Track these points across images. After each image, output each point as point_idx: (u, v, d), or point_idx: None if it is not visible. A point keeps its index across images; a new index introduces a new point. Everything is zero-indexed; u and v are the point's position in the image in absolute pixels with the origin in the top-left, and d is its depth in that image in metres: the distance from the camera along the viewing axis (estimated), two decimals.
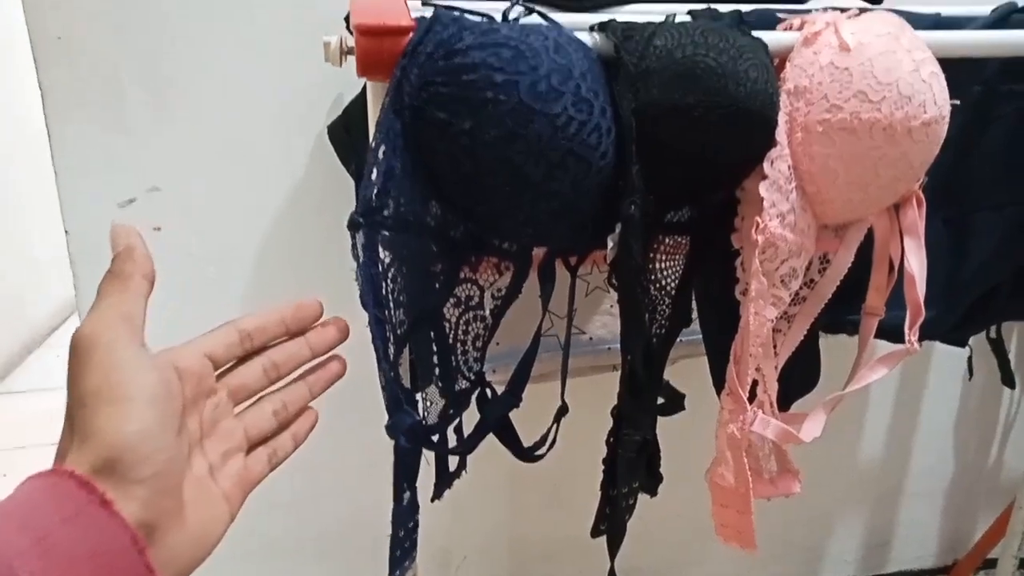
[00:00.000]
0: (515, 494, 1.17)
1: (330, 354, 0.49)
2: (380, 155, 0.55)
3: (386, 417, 0.58)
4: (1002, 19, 0.73)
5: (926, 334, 0.80)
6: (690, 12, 0.69)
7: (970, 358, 0.94)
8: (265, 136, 0.96)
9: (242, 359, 0.46)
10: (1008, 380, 0.99)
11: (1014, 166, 0.78)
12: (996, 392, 1.29)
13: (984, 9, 0.77)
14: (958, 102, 0.62)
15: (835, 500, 1.34)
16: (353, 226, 0.53)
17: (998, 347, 0.96)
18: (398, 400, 0.57)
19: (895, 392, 1.29)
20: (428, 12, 0.57)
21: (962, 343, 0.88)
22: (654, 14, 0.64)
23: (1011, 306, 0.86)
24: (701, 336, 0.75)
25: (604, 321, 0.92)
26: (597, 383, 0.83)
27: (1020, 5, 0.76)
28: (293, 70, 0.92)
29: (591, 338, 0.90)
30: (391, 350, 0.58)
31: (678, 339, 0.74)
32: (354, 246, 0.54)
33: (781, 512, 0.87)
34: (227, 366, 0.45)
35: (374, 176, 0.54)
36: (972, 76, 0.74)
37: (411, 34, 0.55)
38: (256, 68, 0.93)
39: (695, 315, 0.75)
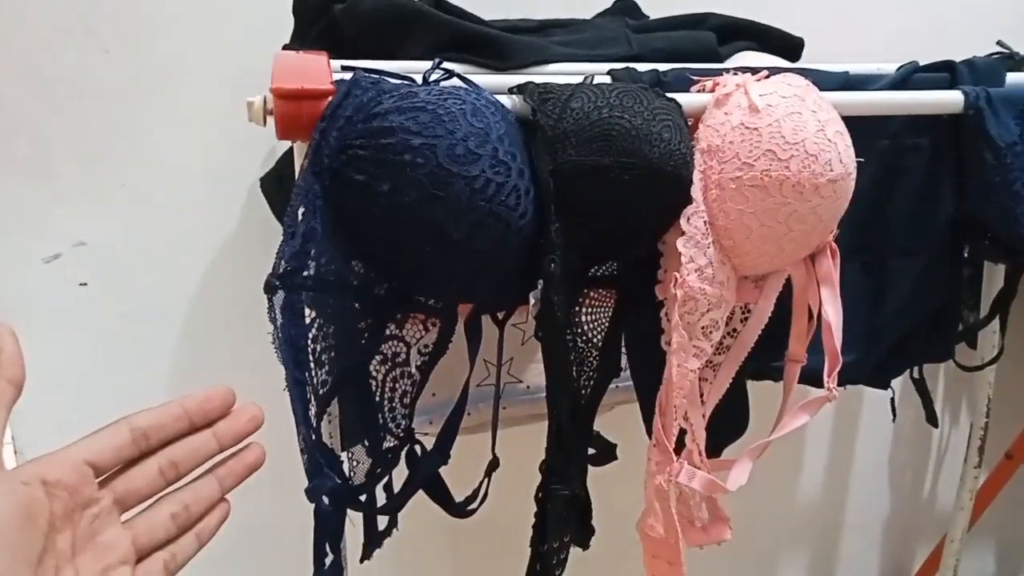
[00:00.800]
0: (458, 540, 1.15)
1: (245, 443, 0.44)
2: (299, 216, 0.55)
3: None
4: (905, 78, 0.76)
5: (848, 378, 0.83)
6: (610, 72, 0.72)
7: (892, 399, 0.96)
8: (196, 189, 0.95)
9: (136, 459, 0.41)
10: (932, 419, 1.02)
11: (922, 216, 0.81)
12: (926, 427, 1.32)
13: (891, 67, 0.81)
14: (863, 159, 0.65)
15: (776, 538, 1.35)
16: (269, 289, 0.53)
17: (921, 387, 0.99)
18: (318, 463, 0.56)
19: (831, 430, 1.32)
20: (348, 76, 0.58)
21: (884, 385, 0.91)
22: (576, 74, 0.66)
23: (927, 349, 0.89)
24: None
25: (541, 369, 0.92)
26: (540, 430, 0.83)
27: (921, 64, 0.80)
28: (224, 123, 0.92)
29: (528, 386, 0.90)
30: (312, 412, 0.57)
31: (615, 385, 0.75)
32: (271, 309, 0.54)
33: (724, 551, 0.88)
34: (116, 469, 0.40)
35: (292, 238, 0.54)
36: (879, 131, 0.78)
37: (330, 97, 0.56)
38: (186, 121, 0.92)
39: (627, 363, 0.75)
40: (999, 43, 0.89)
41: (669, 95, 0.63)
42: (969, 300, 0.97)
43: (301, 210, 0.55)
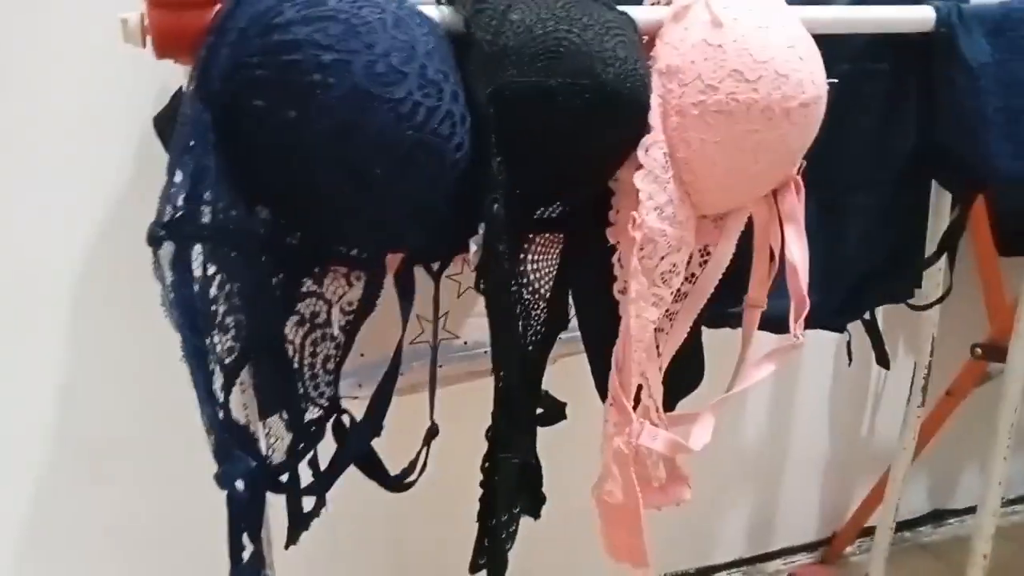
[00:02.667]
0: (399, 511, 1.09)
1: None
2: (187, 152, 0.45)
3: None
4: None
5: (807, 322, 0.78)
6: None
7: (849, 343, 0.93)
8: (79, 133, 0.84)
9: None
10: (883, 361, 0.99)
11: (882, 146, 0.77)
12: (866, 367, 1.32)
13: None
14: (836, 80, 0.59)
15: (718, 481, 1.35)
16: (154, 240, 0.44)
17: (872, 328, 0.96)
18: (228, 445, 0.48)
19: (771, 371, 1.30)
20: None
21: (842, 329, 0.88)
22: None
23: (886, 289, 0.86)
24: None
25: (479, 323, 0.85)
26: (482, 389, 0.78)
27: None
28: (104, 54, 0.80)
29: (465, 343, 0.83)
30: (216, 386, 0.49)
31: (560, 336, 0.69)
32: (157, 264, 0.44)
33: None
34: None
35: (179, 178, 0.45)
36: (839, 54, 0.72)
37: (218, 6, 0.46)
38: (63, 55, 0.81)
39: (573, 315, 0.69)
40: None
41: (621, 8, 0.56)
42: None
43: (190, 144, 0.45)
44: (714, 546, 1.39)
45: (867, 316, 0.96)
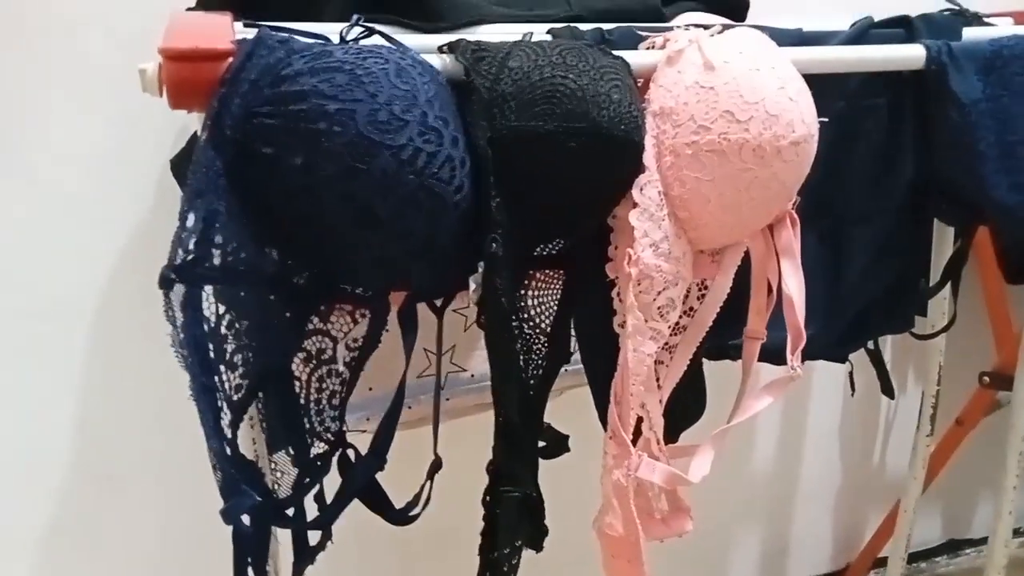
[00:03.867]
0: (404, 543, 1.10)
1: None
2: (199, 197, 0.47)
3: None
4: (860, 34, 0.72)
5: (808, 353, 0.79)
6: (550, 31, 0.65)
7: (851, 373, 0.94)
8: (100, 173, 0.87)
9: None
10: (887, 390, 0.99)
11: (881, 179, 0.78)
12: (875, 397, 1.32)
13: (843, 24, 0.77)
14: (826, 119, 0.60)
15: (730, 513, 1.34)
16: (165, 283, 0.46)
17: (877, 359, 0.97)
18: (234, 480, 0.49)
19: (781, 403, 1.30)
20: (252, 34, 0.50)
21: (843, 359, 0.88)
22: (511, 35, 0.59)
23: (886, 319, 0.86)
24: None
25: (486, 356, 0.86)
26: (488, 420, 0.79)
27: (876, 20, 0.76)
28: (128, 100, 0.82)
29: (472, 375, 0.84)
30: (224, 421, 0.50)
31: (564, 369, 0.69)
32: (168, 306, 0.46)
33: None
34: None
35: (191, 222, 0.47)
36: (835, 92, 0.74)
37: (231, 59, 0.48)
38: (86, 100, 0.84)
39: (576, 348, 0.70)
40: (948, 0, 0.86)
41: (616, 53, 0.57)
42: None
43: (201, 190, 0.47)
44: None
45: (871, 346, 0.96)
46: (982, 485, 1.48)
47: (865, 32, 0.73)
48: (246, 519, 0.52)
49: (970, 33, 0.76)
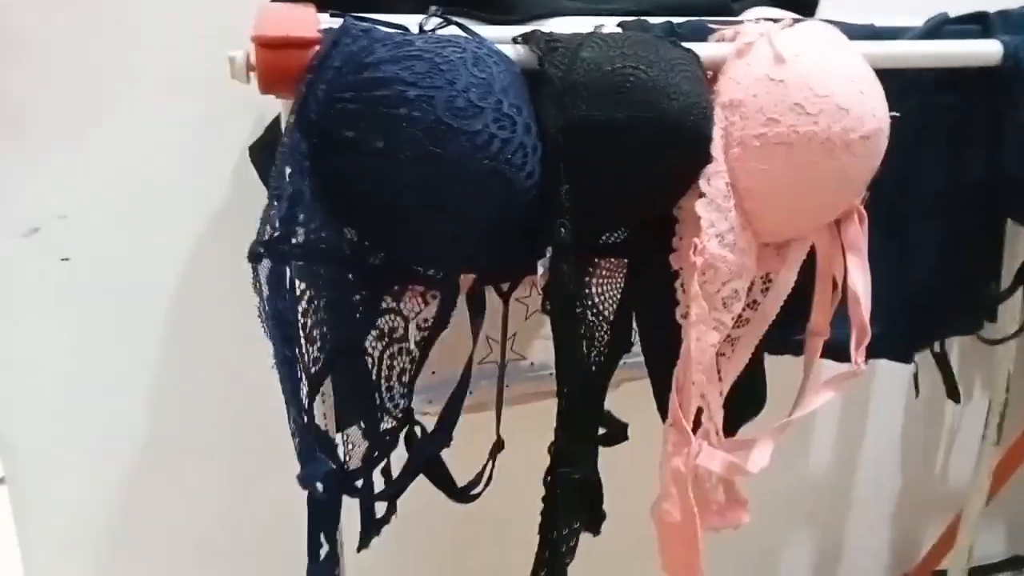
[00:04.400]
0: (462, 524, 1.12)
1: None
2: (286, 178, 0.50)
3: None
4: (935, 30, 0.72)
5: (872, 352, 0.78)
6: (620, 23, 0.66)
7: (916, 374, 0.92)
8: (181, 158, 0.90)
9: None
10: (953, 394, 0.98)
11: (951, 177, 0.77)
12: (939, 402, 1.29)
13: (917, 20, 0.76)
14: (898, 114, 0.60)
15: (785, 515, 1.33)
16: (254, 257, 0.48)
17: (942, 361, 0.95)
18: (311, 447, 0.52)
19: (840, 406, 1.28)
20: (337, 24, 0.53)
21: (908, 359, 0.87)
22: (582, 27, 0.61)
23: (953, 320, 0.85)
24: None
25: (546, 345, 0.88)
26: (546, 409, 0.80)
27: (952, 16, 0.75)
28: (207, 88, 0.86)
29: (532, 363, 0.86)
30: (303, 392, 0.53)
31: (623, 361, 0.71)
32: (256, 279, 0.49)
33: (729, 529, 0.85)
34: None
35: (278, 201, 0.50)
36: (908, 87, 0.73)
37: (317, 47, 0.51)
38: (167, 86, 0.87)
39: (637, 338, 0.71)
40: None
41: (686, 45, 0.58)
42: (991, 269, 0.92)
43: (287, 171, 0.50)
44: None
45: (937, 348, 0.95)
46: None
47: (940, 28, 0.72)
48: (320, 487, 0.55)
49: None
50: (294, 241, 0.50)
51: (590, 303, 0.66)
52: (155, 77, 0.87)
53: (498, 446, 0.69)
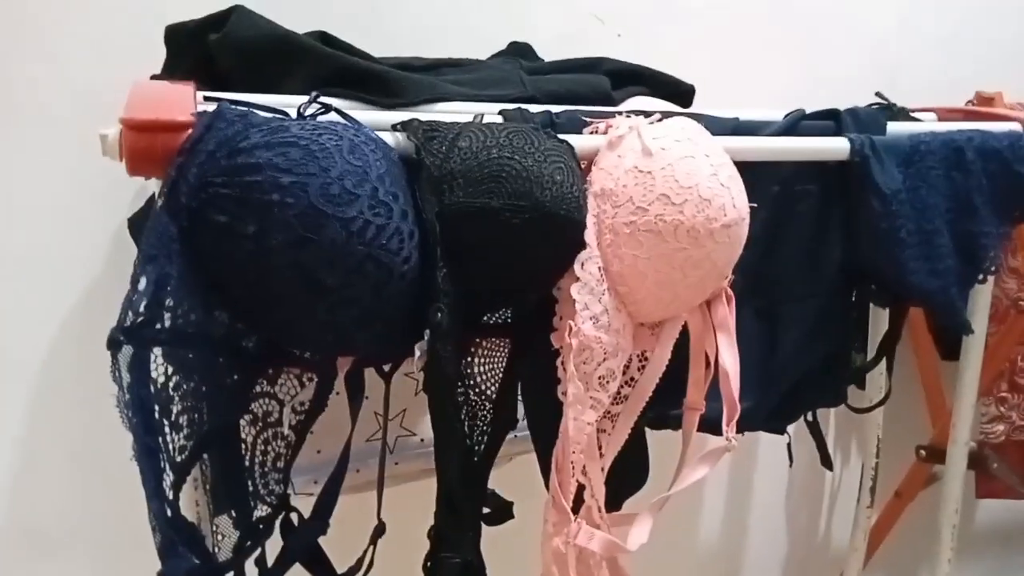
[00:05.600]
0: None
1: None
2: (151, 261, 0.49)
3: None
4: (792, 125, 0.77)
5: (745, 424, 0.81)
6: (501, 112, 0.69)
7: (789, 444, 0.96)
8: (56, 229, 0.87)
9: None
10: (826, 462, 1.02)
11: (812, 261, 0.82)
12: (820, 468, 1.35)
13: (778, 113, 0.82)
14: (755, 205, 0.64)
15: None
16: (113, 344, 0.46)
17: (815, 430, 1.00)
18: (173, 543, 0.49)
19: (727, 476, 1.32)
20: (213, 107, 0.53)
21: (781, 431, 0.91)
22: (466, 114, 0.63)
23: (821, 394, 0.89)
24: None
25: None
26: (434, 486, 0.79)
27: (808, 112, 0.81)
28: (85, 161, 0.84)
29: (423, 439, 0.85)
30: (167, 483, 0.50)
31: (514, 435, 0.71)
32: (115, 367, 0.47)
33: None
34: None
35: (143, 285, 0.48)
36: (770, 177, 0.78)
37: (190, 130, 0.51)
38: (43, 155, 0.84)
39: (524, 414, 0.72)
40: (877, 94, 0.92)
41: (561, 136, 0.61)
42: (857, 343, 0.98)
43: (154, 254, 0.49)
44: None
45: (810, 418, 0.99)
46: (924, 558, 1.51)
47: (796, 123, 0.78)
48: None
49: (894, 128, 0.82)
50: (159, 326, 0.49)
51: (472, 383, 0.66)
52: (34, 144, 0.84)
53: (379, 530, 0.67)
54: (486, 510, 0.71)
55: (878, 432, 1.14)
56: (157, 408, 0.50)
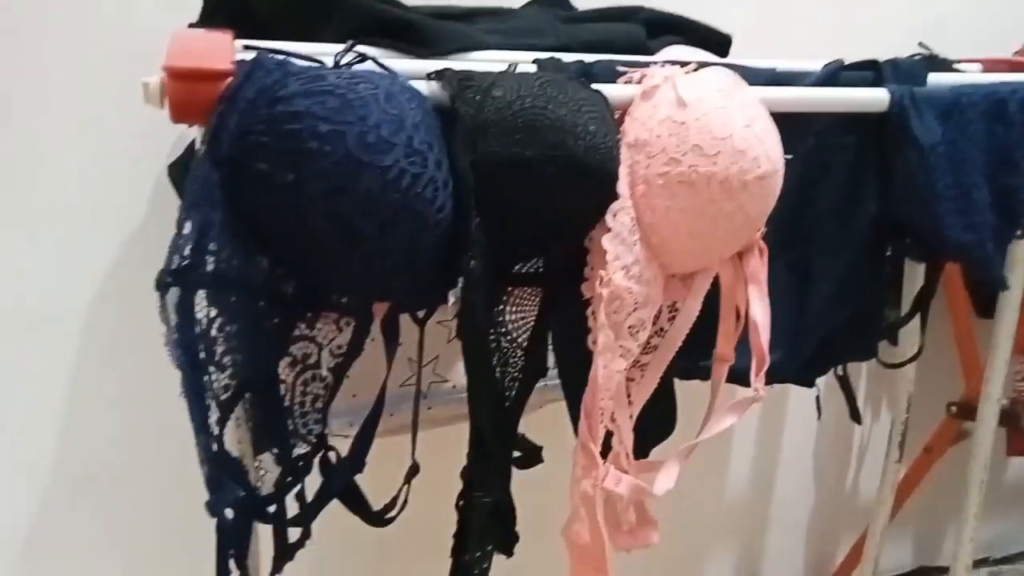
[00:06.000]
0: (382, 544, 1.12)
1: None
2: (195, 207, 0.50)
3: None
4: (830, 76, 0.76)
5: (774, 377, 0.82)
6: (535, 61, 0.69)
7: (818, 397, 0.97)
8: (97, 178, 0.89)
9: None
10: (855, 416, 1.03)
11: (846, 214, 0.81)
12: (848, 423, 1.35)
13: (817, 64, 0.81)
14: (791, 156, 0.64)
15: (703, 534, 1.36)
16: (161, 286, 0.48)
17: (845, 384, 1.00)
18: (219, 475, 0.52)
19: (756, 427, 1.33)
20: (251, 56, 0.53)
21: (810, 383, 0.91)
22: (500, 63, 0.63)
23: (851, 347, 0.89)
24: None
25: None
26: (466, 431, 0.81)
27: (847, 63, 0.80)
28: (124, 109, 0.86)
29: (455, 386, 0.87)
30: (212, 420, 0.53)
31: (544, 383, 0.72)
32: (163, 307, 0.49)
33: (651, 549, 0.87)
34: None
35: (187, 230, 0.50)
36: (806, 129, 0.77)
37: (230, 79, 0.52)
38: (84, 106, 0.86)
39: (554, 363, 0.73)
40: (920, 44, 0.90)
41: (595, 86, 0.61)
42: (891, 298, 0.97)
43: (198, 200, 0.51)
44: None
45: (840, 372, 1.00)
46: (951, 513, 1.51)
47: (835, 74, 0.76)
48: (229, 513, 0.55)
49: (935, 79, 0.80)
50: (203, 270, 0.51)
51: (503, 330, 0.67)
52: (72, 93, 0.86)
53: (413, 470, 0.70)
54: (516, 454, 0.73)
55: (909, 388, 1.14)
56: (202, 348, 0.52)
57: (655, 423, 0.75)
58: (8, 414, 0.91)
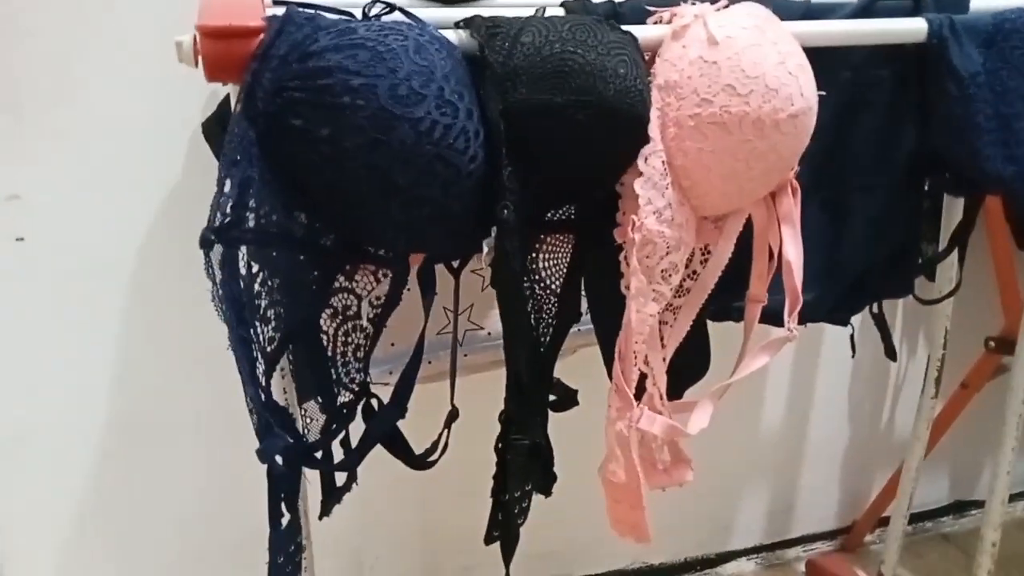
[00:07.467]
0: (426, 486, 1.15)
1: None
2: (234, 165, 0.52)
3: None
4: (868, 6, 0.74)
5: (808, 316, 0.82)
6: (563, 4, 0.68)
7: (852, 336, 0.97)
8: (134, 137, 0.90)
9: None
10: (890, 353, 1.02)
11: (883, 149, 0.80)
12: (884, 360, 1.35)
13: None
14: (824, 93, 0.63)
15: (738, 470, 1.38)
16: (205, 244, 0.50)
17: (880, 322, 1.00)
18: (268, 423, 0.54)
19: (791, 365, 1.33)
20: (281, 11, 0.54)
21: (844, 322, 0.91)
22: (527, 6, 0.62)
23: (887, 285, 0.89)
24: None
25: None
26: (503, 377, 0.83)
27: None
28: (159, 67, 0.86)
29: (489, 333, 0.89)
30: (260, 370, 0.55)
31: (577, 328, 0.73)
32: (208, 264, 0.51)
33: (685, 487, 0.89)
34: None
35: (228, 188, 0.51)
36: (841, 62, 0.76)
37: (262, 35, 0.52)
38: (120, 66, 0.87)
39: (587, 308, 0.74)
40: None
41: (624, 28, 0.60)
42: (928, 233, 0.96)
43: (236, 157, 0.52)
44: (733, 533, 1.42)
45: (875, 310, 0.99)
46: (988, 448, 1.51)
47: (872, 4, 0.74)
48: (279, 459, 0.57)
49: (978, 4, 0.77)
50: (244, 227, 0.52)
51: (537, 277, 0.68)
52: (105, 57, 0.87)
53: (453, 415, 0.71)
54: (552, 397, 0.74)
55: (946, 323, 1.13)
56: (247, 302, 0.54)
57: (689, 365, 0.76)
58: (58, 368, 0.95)
